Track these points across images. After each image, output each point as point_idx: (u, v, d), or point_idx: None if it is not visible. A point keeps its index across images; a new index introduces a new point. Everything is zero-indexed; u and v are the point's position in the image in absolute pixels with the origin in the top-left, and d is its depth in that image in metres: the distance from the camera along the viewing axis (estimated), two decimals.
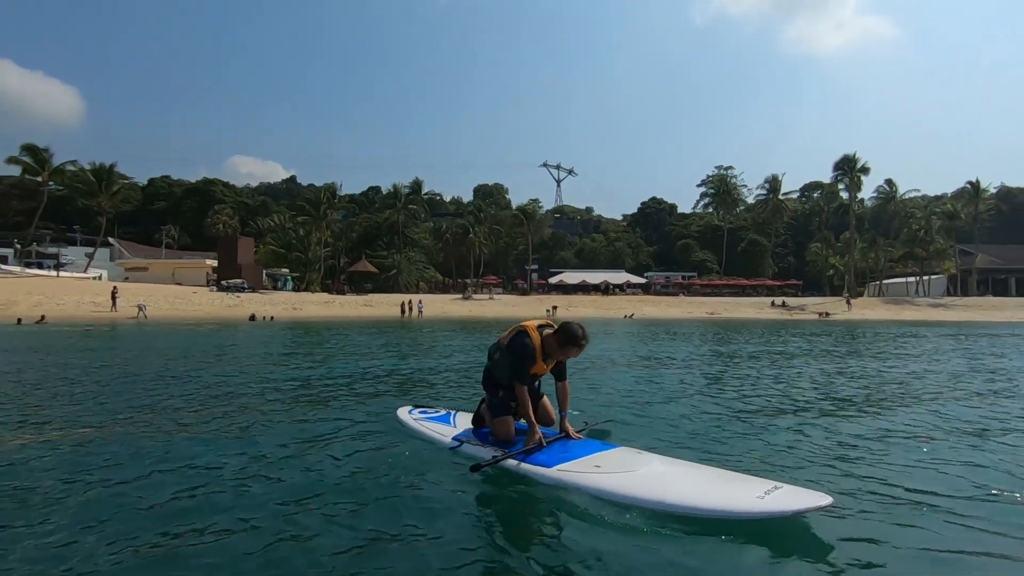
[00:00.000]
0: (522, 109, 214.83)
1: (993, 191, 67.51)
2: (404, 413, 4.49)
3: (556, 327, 3.64)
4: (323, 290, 54.95)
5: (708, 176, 77.54)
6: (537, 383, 3.91)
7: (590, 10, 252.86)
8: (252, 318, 30.02)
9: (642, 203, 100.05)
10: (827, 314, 43.36)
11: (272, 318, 30.84)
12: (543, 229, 75.94)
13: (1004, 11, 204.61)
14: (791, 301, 52.99)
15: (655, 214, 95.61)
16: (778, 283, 65.79)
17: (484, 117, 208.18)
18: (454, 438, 3.89)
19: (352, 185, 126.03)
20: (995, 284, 63.34)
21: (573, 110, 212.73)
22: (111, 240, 61.87)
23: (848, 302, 50.23)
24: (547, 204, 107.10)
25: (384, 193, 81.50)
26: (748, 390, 7.09)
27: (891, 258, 65.12)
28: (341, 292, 53.09)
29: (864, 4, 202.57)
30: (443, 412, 4.49)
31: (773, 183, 70.86)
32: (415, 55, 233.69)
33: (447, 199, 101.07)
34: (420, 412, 4.49)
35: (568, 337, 3.52)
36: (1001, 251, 66.66)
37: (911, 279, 64.77)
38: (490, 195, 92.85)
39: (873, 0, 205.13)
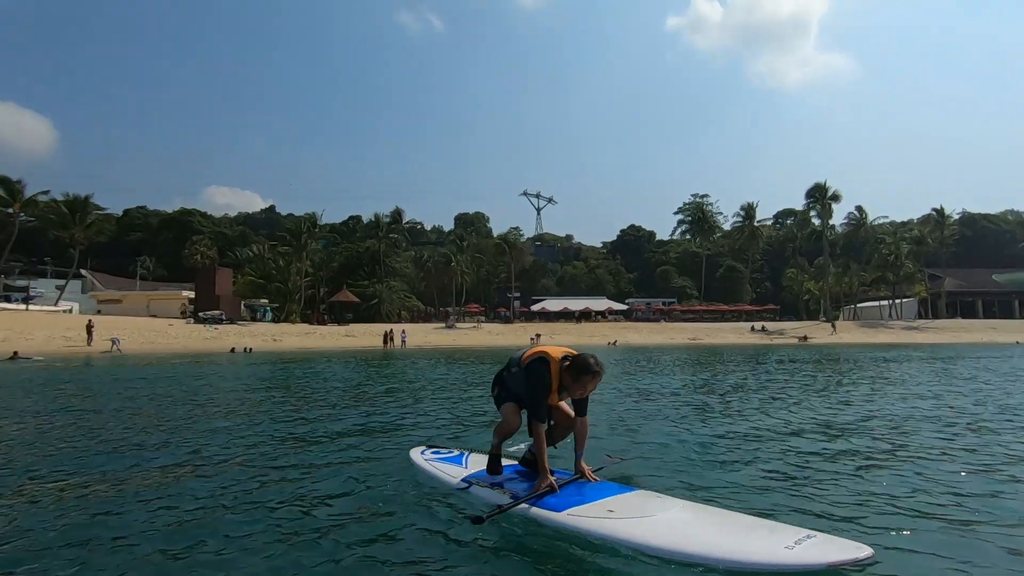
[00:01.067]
0: (503, 139, 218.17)
1: (956, 217, 70.22)
2: (416, 453, 4.39)
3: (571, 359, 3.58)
4: (303, 320, 54.17)
5: (685, 204, 79.07)
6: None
7: (569, 46, 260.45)
8: (233, 350, 29.40)
9: (621, 231, 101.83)
10: (807, 338, 44.10)
11: (251, 350, 30.16)
12: (524, 257, 76.41)
13: (952, 46, 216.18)
14: (770, 326, 53.81)
15: (634, 241, 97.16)
16: (756, 308, 66.90)
17: (464, 147, 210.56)
18: (463, 479, 3.75)
19: (332, 215, 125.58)
20: (963, 307, 65.32)
21: (553, 141, 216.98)
22: (83, 272, 60.41)
23: (833, 326, 51.29)
24: (527, 232, 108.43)
25: (365, 222, 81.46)
26: (766, 425, 6.72)
27: (864, 282, 66.87)
28: (322, 323, 52.40)
29: (822, 42, 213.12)
30: (456, 453, 4.38)
31: (748, 210, 72.59)
32: (392, 85, 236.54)
33: (428, 228, 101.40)
34: (432, 452, 4.39)
35: (581, 366, 3.43)
36: (967, 275, 69.06)
37: (884, 302, 66.46)
38: (471, 224, 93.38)
39: (831, 39, 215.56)
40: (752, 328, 51.81)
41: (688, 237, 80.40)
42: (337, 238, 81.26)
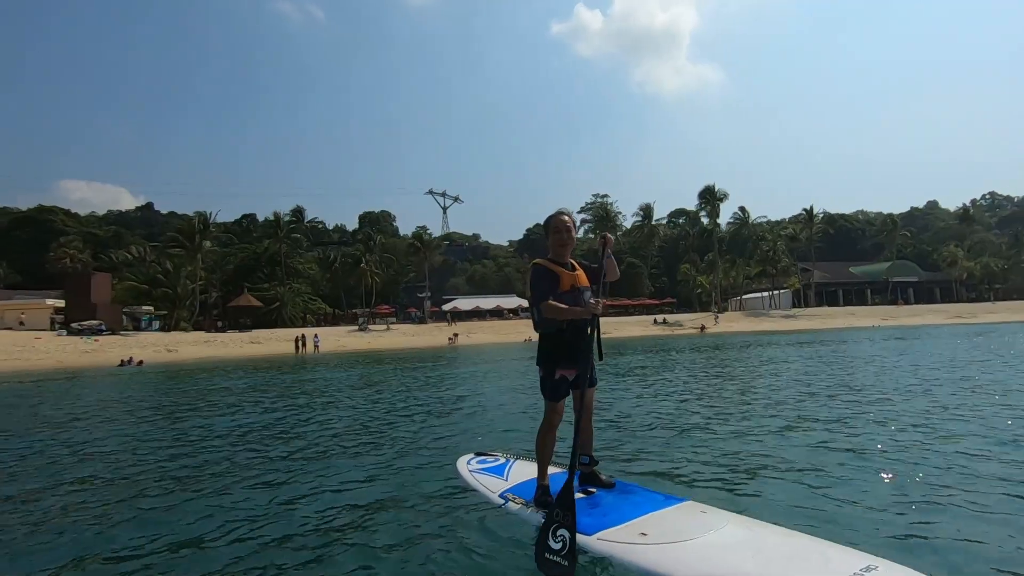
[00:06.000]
0: (403, 137, 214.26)
1: (821, 216, 79.18)
2: (463, 463, 4.28)
3: None
4: (195, 328, 49.79)
5: (587, 203, 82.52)
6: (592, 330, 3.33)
7: (457, 45, 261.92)
8: (122, 363, 26.41)
9: (527, 229, 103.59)
10: (704, 328, 47.71)
11: (141, 362, 27.15)
12: (436, 256, 75.70)
13: (811, 61, 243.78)
14: (670, 318, 57.59)
15: (540, 239, 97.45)
16: (656, 302, 71.14)
17: (364, 144, 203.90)
18: (500, 494, 3.57)
19: (223, 213, 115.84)
20: (828, 296, 74.06)
21: (452, 139, 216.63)
22: None
23: (716, 317, 55.81)
24: (435, 231, 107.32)
25: (262, 222, 76.44)
26: (789, 417, 6.42)
27: (748, 276, 73.58)
28: (220, 329, 48.55)
29: (693, 53, 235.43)
30: (501, 461, 4.27)
31: (646, 211, 77.06)
32: (284, 75, 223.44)
33: (331, 227, 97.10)
34: (478, 461, 4.29)
35: (545, 225, 3.54)
36: (830, 267, 78.58)
37: (764, 294, 73.51)
38: (377, 222, 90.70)
39: (700, 51, 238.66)
40: (655, 321, 55.14)
41: (592, 235, 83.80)
42: (232, 238, 75.44)
